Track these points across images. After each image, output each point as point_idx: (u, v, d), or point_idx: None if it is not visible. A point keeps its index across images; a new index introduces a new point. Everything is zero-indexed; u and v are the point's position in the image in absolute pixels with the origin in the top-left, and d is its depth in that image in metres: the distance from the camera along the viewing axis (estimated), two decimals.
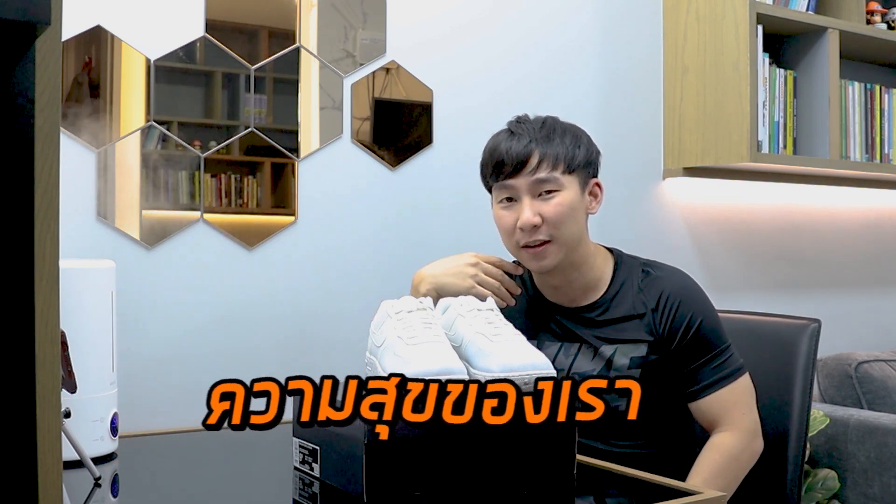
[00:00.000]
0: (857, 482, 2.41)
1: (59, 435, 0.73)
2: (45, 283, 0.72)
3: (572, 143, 1.60)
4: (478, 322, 1.35)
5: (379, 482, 1.17)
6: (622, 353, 1.59)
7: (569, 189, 1.58)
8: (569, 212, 1.57)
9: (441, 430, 1.20)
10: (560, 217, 1.57)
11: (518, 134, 1.60)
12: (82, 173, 1.76)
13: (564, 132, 1.61)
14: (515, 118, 1.66)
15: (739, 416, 1.59)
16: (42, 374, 0.72)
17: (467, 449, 1.23)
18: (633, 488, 1.35)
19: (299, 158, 1.97)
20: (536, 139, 1.58)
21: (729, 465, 1.56)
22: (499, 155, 1.59)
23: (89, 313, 1.47)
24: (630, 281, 1.64)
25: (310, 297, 1.99)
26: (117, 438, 1.52)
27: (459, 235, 2.17)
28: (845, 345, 2.84)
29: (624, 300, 1.63)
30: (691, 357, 1.60)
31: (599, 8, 2.41)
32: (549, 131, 1.60)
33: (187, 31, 1.85)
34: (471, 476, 1.23)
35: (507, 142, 1.60)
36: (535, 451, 1.28)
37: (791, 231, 2.82)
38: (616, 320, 1.62)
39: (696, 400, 1.60)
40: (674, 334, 1.59)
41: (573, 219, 1.58)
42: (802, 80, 2.59)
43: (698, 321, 1.59)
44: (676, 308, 1.59)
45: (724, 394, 1.59)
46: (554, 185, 1.57)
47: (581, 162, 1.60)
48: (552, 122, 1.63)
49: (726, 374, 1.60)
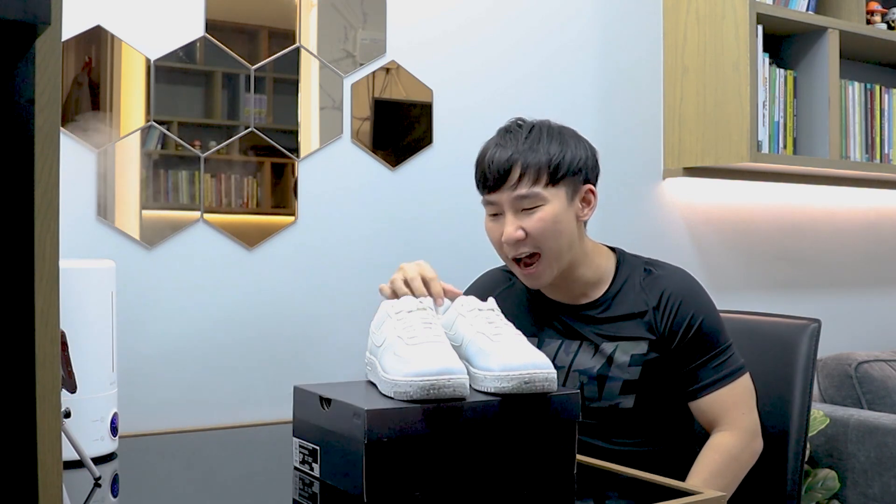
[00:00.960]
0: (857, 482, 2.41)
1: (59, 435, 0.73)
2: (45, 283, 0.72)
3: (558, 152, 1.56)
4: (478, 322, 1.35)
5: (379, 482, 1.17)
6: (623, 351, 1.60)
7: (552, 202, 1.56)
8: (552, 226, 1.55)
9: (441, 430, 1.20)
10: (543, 232, 1.55)
11: (501, 145, 1.58)
12: (82, 173, 1.76)
13: (551, 140, 1.57)
14: (506, 125, 1.64)
15: (739, 415, 1.59)
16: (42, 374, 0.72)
17: (467, 449, 1.23)
18: (633, 488, 1.35)
19: (299, 158, 1.97)
20: (519, 150, 1.56)
21: (729, 464, 1.56)
22: (484, 166, 1.59)
23: (89, 313, 1.47)
24: (632, 279, 1.64)
25: (310, 296, 1.99)
26: (117, 438, 1.52)
27: (459, 235, 2.17)
28: (845, 345, 2.84)
29: (626, 298, 1.63)
30: (692, 356, 1.60)
31: (599, 8, 2.41)
32: (535, 141, 1.57)
33: (187, 31, 1.85)
34: (471, 476, 1.23)
35: (492, 152, 1.58)
36: (535, 451, 1.28)
37: (791, 231, 2.82)
38: (617, 318, 1.62)
39: (696, 399, 1.61)
40: (675, 333, 1.59)
41: (558, 232, 1.56)
42: (802, 80, 2.59)
43: (700, 320, 1.59)
44: (678, 307, 1.60)
45: (725, 393, 1.59)
46: (536, 200, 1.55)
47: (567, 170, 1.57)
48: (540, 128, 1.60)
49: (727, 373, 1.60)
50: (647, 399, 1.60)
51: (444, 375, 1.19)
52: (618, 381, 1.59)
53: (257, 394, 1.91)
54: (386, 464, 1.18)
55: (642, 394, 1.60)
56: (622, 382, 1.59)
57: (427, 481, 1.20)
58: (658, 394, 1.61)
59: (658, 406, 1.62)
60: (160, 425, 1.77)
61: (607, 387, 1.59)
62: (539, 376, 1.24)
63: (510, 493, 1.25)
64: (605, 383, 1.60)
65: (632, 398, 1.59)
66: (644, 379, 1.59)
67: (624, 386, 1.59)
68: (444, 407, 1.20)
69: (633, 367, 1.59)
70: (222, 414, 1.87)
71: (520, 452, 1.27)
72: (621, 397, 1.59)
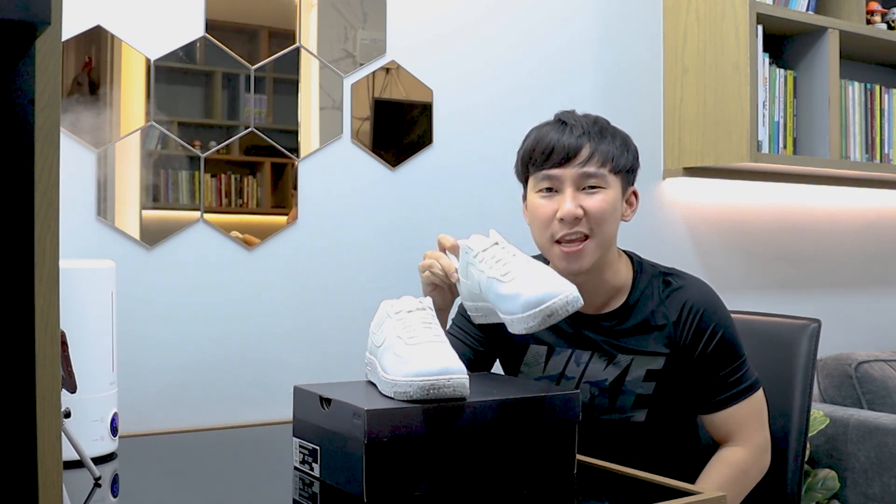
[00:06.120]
0: (857, 482, 2.41)
1: (59, 435, 0.73)
2: (45, 283, 0.72)
3: (622, 146, 1.56)
4: (486, 266, 1.38)
5: (379, 482, 1.17)
6: (638, 365, 1.56)
7: (613, 188, 1.54)
8: (611, 210, 1.53)
9: (441, 431, 1.20)
10: (602, 214, 1.52)
11: (571, 125, 1.55)
12: (82, 173, 1.76)
13: (615, 134, 1.57)
14: (562, 113, 1.61)
15: (752, 431, 1.57)
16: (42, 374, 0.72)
17: (467, 449, 1.23)
18: (634, 488, 1.35)
19: (299, 158, 1.97)
20: (589, 133, 1.54)
21: (738, 478, 1.54)
22: (549, 143, 1.53)
23: (89, 313, 1.47)
24: (650, 290, 1.60)
25: (310, 297, 1.99)
26: (117, 438, 1.52)
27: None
28: (845, 345, 2.84)
29: (643, 309, 1.58)
30: (710, 368, 1.56)
31: (599, 8, 2.41)
32: (602, 129, 1.56)
33: (187, 31, 1.85)
34: (471, 476, 1.23)
35: (559, 132, 1.54)
36: (535, 451, 1.28)
37: (791, 231, 2.82)
38: (635, 330, 1.57)
39: (710, 413, 1.58)
40: (695, 344, 1.55)
41: (613, 218, 1.55)
42: (802, 80, 2.59)
43: (720, 333, 1.56)
44: (699, 318, 1.56)
45: (740, 409, 1.57)
46: (601, 181, 1.53)
47: (626, 166, 1.57)
48: (605, 121, 1.59)
49: (743, 388, 1.57)
50: (660, 414, 1.57)
51: (443, 375, 1.19)
52: (631, 394, 1.56)
53: (257, 394, 1.91)
54: (386, 464, 1.18)
55: (655, 408, 1.57)
56: (636, 396, 1.56)
57: (427, 481, 1.20)
58: (670, 409, 1.58)
59: (669, 421, 1.59)
60: (160, 425, 1.77)
61: (620, 399, 1.56)
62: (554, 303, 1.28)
63: (510, 493, 1.25)
64: (617, 395, 1.56)
65: (644, 412, 1.56)
66: (658, 394, 1.56)
67: (637, 400, 1.56)
68: (443, 407, 1.20)
69: (647, 383, 1.56)
70: (222, 414, 1.87)
71: (520, 452, 1.27)
72: (634, 411, 1.56)
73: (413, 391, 1.19)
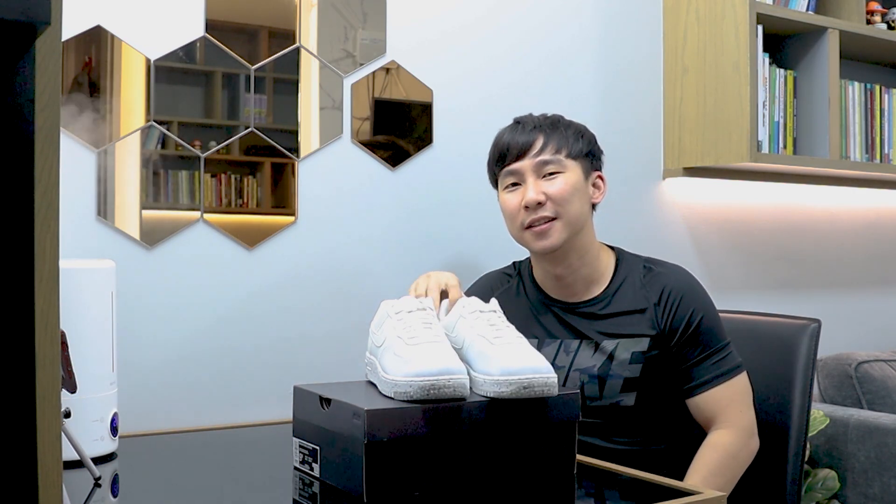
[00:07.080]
0: (857, 482, 2.41)
1: (59, 435, 0.73)
2: (45, 283, 0.72)
3: (575, 134, 1.67)
4: (480, 324, 1.35)
5: (379, 482, 1.17)
6: (624, 348, 1.61)
7: (572, 172, 1.64)
8: (572, 191, 1.63)
9: (441, 431, 1.20)
10: (564, 195, 1.62)
11: (524, 123, 1.68)
12: (82, 173, 1.76)
13: (568, 126, 1.69)
14: (520, 116, 1.73)
15: (737, 413, 1.59)
16: (42, 374, 0.72)
17: (467, 449, 1.23)
18: (633, 488, 1.35)
19: (299, 158, 1.97)
20: (541, 126, 1.66)
21: (727, 463, 1.56)
22: (505, 142, 1.68)
23: (89, 313, 1.47)
24: (631, 276, 1.66)
25: (310, 296, 1.99)
26: (117, 438, 1.52)
27: (459, 235, 2.17)
28: (845, 345, 2.84)
29: (626, 295, 1.64)
30: (690, 353, 1.61)
31: (599, 8, 2.41)
32: (554, 122, 1.68)
33: (187, 31, 1.85)
34: (471, 476, 1.23)
35: (513, 132, 1.68)
36: (535, 451, 1.28)
37: (791, 231, 2.82)
38: (618, 314, 1.63)
39: (692, 396, 1.61)
40: (675, 329, 1.61)
41: (577, 198, 1.63)
42: (802, 80, 2.59)
43: (699, 317, 1.61)
44: (678, 303, 1.61)
45: (721, 391, 1.60)
46: (557, 166, 1.64)
47: (583, 151, 1.67)
48: (559, 116, 1.71)
49: (724, 371, 1.61)
50: (648, 396, 1.61)
51: (444, 376, 1.19)
52: (619, 378, 1.60)
53: (257, 394, 1.91)
54: (386, 464, 1.18)
55: (643, 391, 1.60)
56: (623, 380, 1.60)
57: (427, 481, 1.20)
58: (659, 391, 1.62)
59: (658, 404, 1.62)
60: (160, 425, 1.77)
61: (608, 385, 1.60)
62: (538, 381, 1.23)
63: (510, 494, 1.25)
64: (605, 381, 1.60)
65: (633, 396, 1.60)
66: (645, 376, 1.60)
67: (625, 384, 1.60)
68: (443, 407, 1.20)
69: (633, 365, 1.59)
70: (222, 414, 1.87)
71: (520, 452, 1.27)
72: (622, 395, 1.60)
73: (413, 391, 1.19)
